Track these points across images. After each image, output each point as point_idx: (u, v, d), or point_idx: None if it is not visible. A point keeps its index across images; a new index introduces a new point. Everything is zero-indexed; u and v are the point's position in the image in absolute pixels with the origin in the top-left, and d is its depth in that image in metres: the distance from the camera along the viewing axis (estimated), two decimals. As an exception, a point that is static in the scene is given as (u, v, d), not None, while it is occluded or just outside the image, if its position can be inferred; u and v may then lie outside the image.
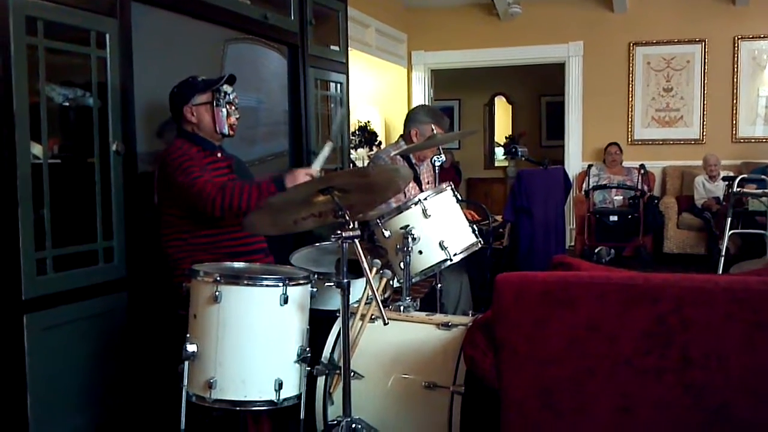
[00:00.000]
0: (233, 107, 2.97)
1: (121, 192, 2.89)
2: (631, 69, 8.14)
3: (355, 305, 2.61)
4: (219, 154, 2.99)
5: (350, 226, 2.25)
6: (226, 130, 2.95)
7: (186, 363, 2.32)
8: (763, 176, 6.38)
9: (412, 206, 2.83)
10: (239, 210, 2.69)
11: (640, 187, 7.36)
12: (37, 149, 2.58)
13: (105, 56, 2.83)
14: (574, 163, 8.32)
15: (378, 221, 2.84)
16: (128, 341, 2.94)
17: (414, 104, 8.23)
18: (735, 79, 7.87)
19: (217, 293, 2.29)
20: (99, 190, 2.83)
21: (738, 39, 7.81)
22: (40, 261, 2.58)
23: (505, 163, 11.36)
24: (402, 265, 2.80)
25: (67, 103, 2.82)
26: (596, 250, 7.32)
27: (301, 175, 2.80)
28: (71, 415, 2.75)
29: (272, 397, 2.32)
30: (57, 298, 2.64)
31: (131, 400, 2.96)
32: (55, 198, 2.63)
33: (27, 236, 2.51)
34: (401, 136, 4.31)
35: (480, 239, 2.98)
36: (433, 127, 3.94)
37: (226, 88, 2.95)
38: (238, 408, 2.34)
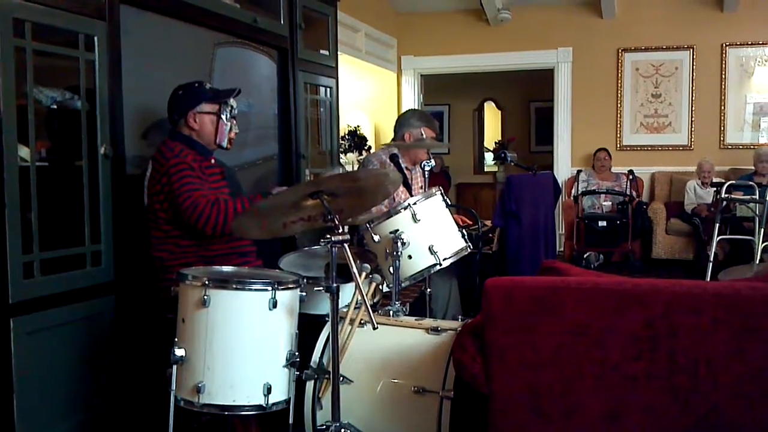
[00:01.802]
0: (235, 121, 2.98)
1: (109, 195, 2.88)
2: (619, 75, 8.17)
3: (345, 310, 2.60)
4: (213, 161, 3.00)
5: (339, 231, 2.25)
6: (225, 144, 2.97)
7: (174, 367, 2.31)
8: (750, 182, 6.41)
9: (402, 211, 2.83)
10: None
11: (628, 192, 7.38)
12: (24, 152, 2.56)
13: (93, 59, 2.82)
14: (563, 168, 8.35)
15: (367, 225, 2.84)
16: (116, 345, 2.92)
17: (403, 109, 8.22)
18: (723, 86, 7.92)
19: (205, 297, 2.27)
20: (87, 193, 2.81)
21: (726, 46, 7.86)
22: (27, 264, 2.57)
23: (495, 169, 11.37)
24: (391, 269, 2.80)
25: (55, 106, 2.80)
26: (585, 256, 7.34)
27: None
28: (58, 419, 2.73)
29: (261, 401, 2.31)
30: (44, 302, 2.63)
31: (119, 404, 2.94)
32: (42, 201, 2.61)
33: (14, 239, 2.49)
34: (393, 140, 4.31)
35: (469, 244, 2.98)
36: (423, 131, 3.95)
37: (232, 101, 2.95)
38: (226, 413, 2.33)
